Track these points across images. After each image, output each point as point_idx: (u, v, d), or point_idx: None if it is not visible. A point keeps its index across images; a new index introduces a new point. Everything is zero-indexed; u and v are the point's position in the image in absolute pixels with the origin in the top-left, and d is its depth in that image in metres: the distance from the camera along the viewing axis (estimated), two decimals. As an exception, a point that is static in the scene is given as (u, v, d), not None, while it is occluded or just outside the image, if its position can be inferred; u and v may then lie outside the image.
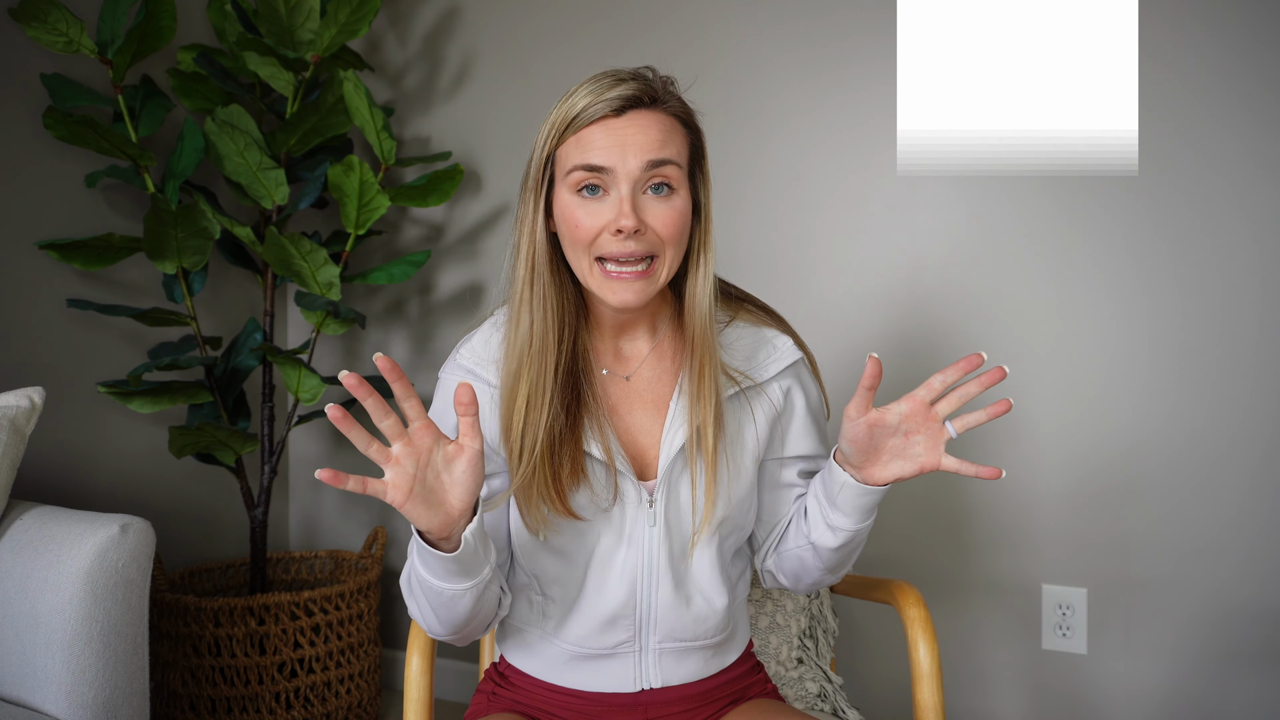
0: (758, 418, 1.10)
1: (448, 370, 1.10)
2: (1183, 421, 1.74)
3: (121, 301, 2.08)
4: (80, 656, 1.39)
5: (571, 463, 1.02)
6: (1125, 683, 1.79)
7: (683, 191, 1.01)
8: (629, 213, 0.96)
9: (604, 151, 0.97)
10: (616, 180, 0.97)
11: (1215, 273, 1.71)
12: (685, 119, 1.03)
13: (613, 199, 0.98)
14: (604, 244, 0.98)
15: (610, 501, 1.05)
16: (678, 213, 0.99)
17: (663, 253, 0.99)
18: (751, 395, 1.09)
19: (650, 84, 1.00)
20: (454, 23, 2.33)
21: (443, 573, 0.93)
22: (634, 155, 0.97)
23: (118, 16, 1.90)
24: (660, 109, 1.00)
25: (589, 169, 0.98)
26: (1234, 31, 1.68)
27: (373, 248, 2.43)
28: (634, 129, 0.98)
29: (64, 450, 2.00)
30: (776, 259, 2.00)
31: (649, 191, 0.99)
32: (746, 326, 1.12)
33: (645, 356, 1.10)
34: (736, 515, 1.10)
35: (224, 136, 1.97)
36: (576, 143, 0.99)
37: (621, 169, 0.97)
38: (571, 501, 1.03)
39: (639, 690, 1.10)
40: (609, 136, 0.98)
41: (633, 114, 0.99)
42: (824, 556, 1.08)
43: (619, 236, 0.97)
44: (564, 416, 1.02)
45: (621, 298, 0.99)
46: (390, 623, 2.41)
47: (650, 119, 0.99)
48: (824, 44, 1.96)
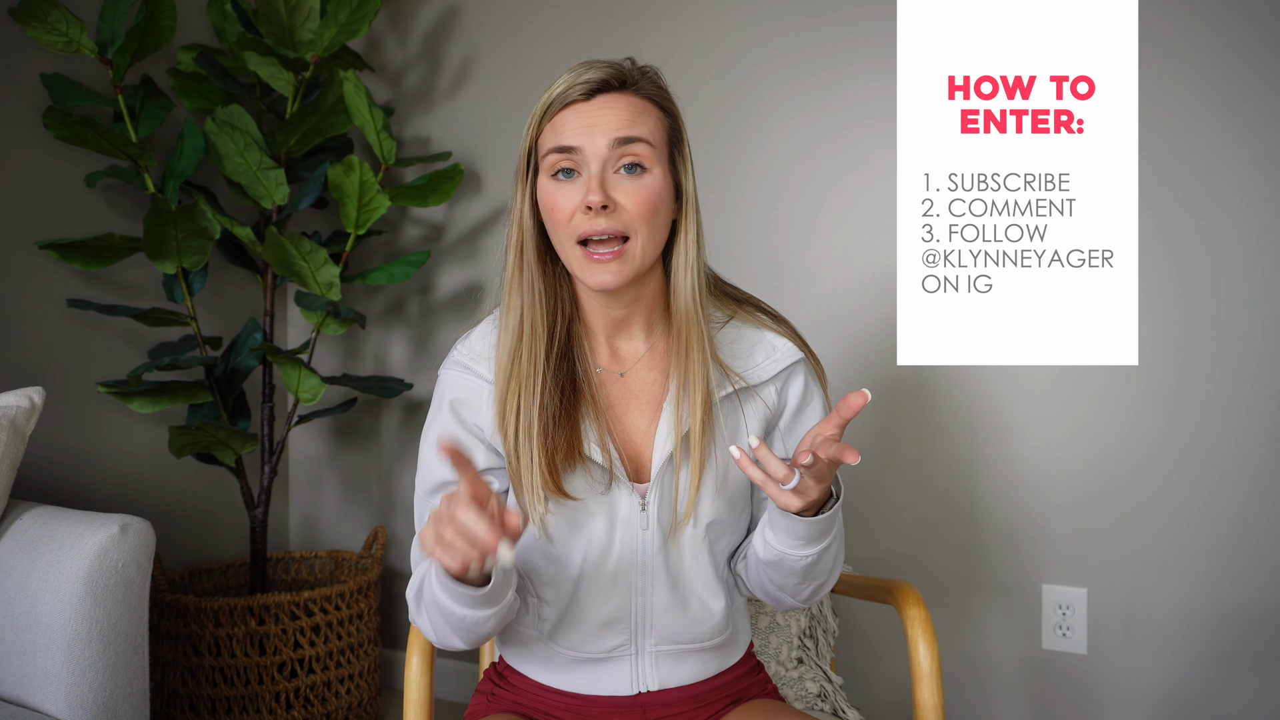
0: (751, 421, 1.08)
1: (445, 367, 1.11)
2: (1184, 422, 1.74)
3: (121, 301, 2.08)
4: (80, 656, 1.39)
5: (567, 446, 1.02)
6: (1125, 683, 1.79)
7: (656, 171, 1.01)
8: (596, 189, 0.98)
9: (574, 132, 1.00)
10: (587, 160, 1.00)
11: (1217, 274, 1.71)
12: (659, 101, 1.05)
13: (583, 179, 1.00)
14: (579, 224, 1.00)
15: (606, 485, 1.05)
16: (648, 190, 1.00)
17: (635, 232, 1.00)
18: (746, 397, 1.08)
19: (621, 69, 1.03)
20: (454, 23, 2.33)
21: (469, 603, 0.94)
22: (601, 134, 0.99)
23: (118, 16, 1.90)
24: (631, 92, 1.02)
25: (560, 150, 1.00)
26: (1236, 30, 1.68)
27: (373, 248, 2.43)
28: (603, 110, 1.00)
29: (64, 450, 2.00)
30: (775, 257, 2.00)
31: (621, 170, 1.00)
32: (745, 326, 1.11)
33: (641, 356, 1.10)
34: (726, 518, 1.09)
35: (224, 136, 1.97)
36: (551, 128, 1.02)
37: (590, 148, 0.99)
38: (567, 484, 1.03)
39: (637, 693, 1.10)
40: (579, 118, 1.00)
41: (602, 97, 1.01)
42: (762, 570, 1.07)
43: (589, 214, 0.99)
44: (559, 400, 1.02)
45: (599, 279, 1.00)
46: (390, 623, 2.41)
47: (619, 100, 1.01)
48: (823, 43, 1.96)
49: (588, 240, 1.00)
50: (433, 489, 1.08)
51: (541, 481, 1.01)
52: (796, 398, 1.11)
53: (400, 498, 2.43)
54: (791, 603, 1.12)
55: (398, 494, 2.43)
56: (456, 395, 1.08)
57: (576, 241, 1.00)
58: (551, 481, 1.01)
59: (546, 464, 1.01)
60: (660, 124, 1.04)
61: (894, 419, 1.92)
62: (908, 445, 1.92)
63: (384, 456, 2.45)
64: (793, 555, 1.02)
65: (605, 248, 0.99)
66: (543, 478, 1.01)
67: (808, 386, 1.12)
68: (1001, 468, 1.85)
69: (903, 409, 1.91)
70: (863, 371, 1.90)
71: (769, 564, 1.05)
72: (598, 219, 0.98)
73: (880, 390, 1.91)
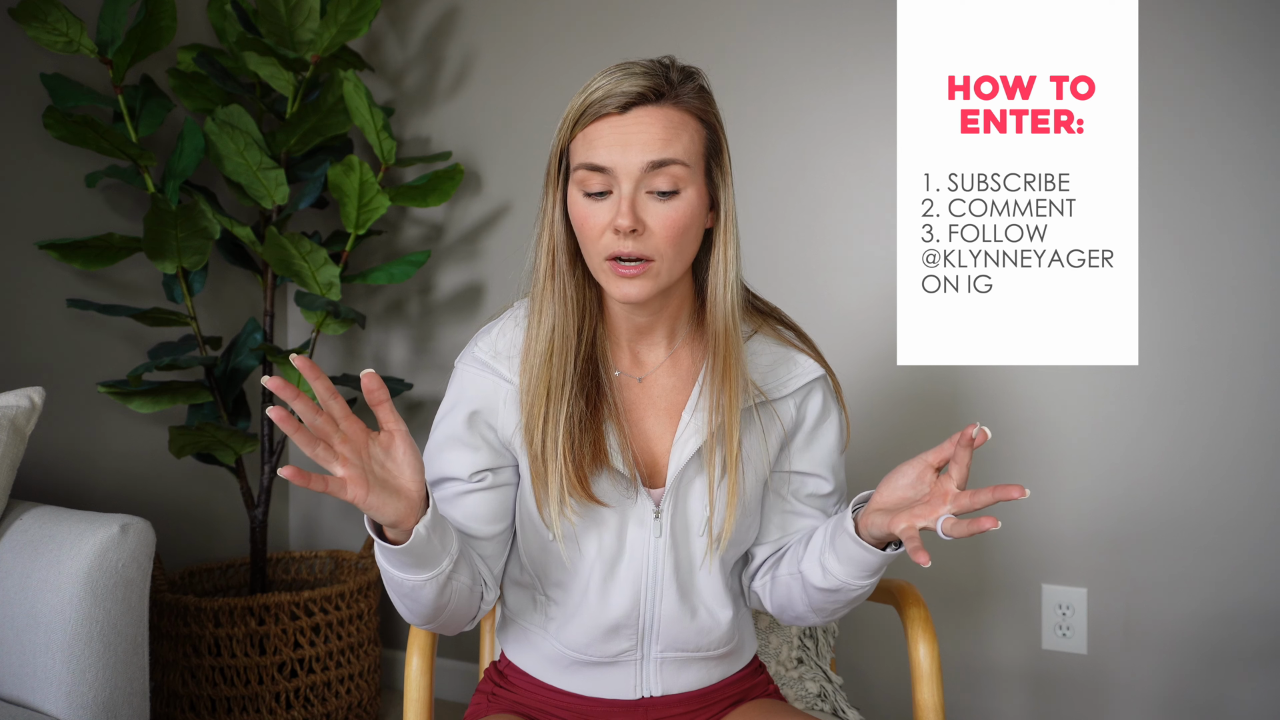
0: (770, 436, 1.07)
1: (463, 361, 1.08)
2: (1185, 421, 1.74)
3: (121, 301, 2.08)
4: (80, 656, 1.39)
5: (594, 451, 1.02)
6: (1125, 683, 1.79)
7: (689, 192, 0.99)
8: (626, 212, 0.96)
9: (607, 150, 0.97)
10: (618, 179, 0.97)
11: (1220, 272, 1.71)
12: (699, 114, 1.01)
13: (614, 199, 0.98)
14: (608, 243, 0.98)
15: (633, 491, 1.04)
16: (679, 215, 0.98)
17: (661, 255, 0.98)
18: (765, 412, 1.07)
19: (662, 78, 0.99)
20: (454, 23, 2.33)
21: (399, 564, 0.94)
22: (636, 155, 0.96)
23: (118, 16, 1.90)
24: (669, 104, 0.98)
25: (591, 168, 0.98)
26: (1236, 25, 1.68)
27: (373, 248, 2.43)
28: (638, 127, 0.97)
29: (64, 450, 2.00)
30: (775, 257, 2.00)
31: (653, 193, 0.98)
32: (769, 342, 1.10)
33: (662, 363, 1.09)
34: (739, 531, 1.08)
35: (224, 136, 1.97)
36: (584, 138, 0.99)
37: (623, 168, 0.97)
38: (595, 489, 1.02)
39: (639, 698, 1.10)
40: (613, 134, 0.97)
41: (638, 111, 0.97)
42: (809, 594, 1.07)
43: (618, 235, 0.97)
44: (584, 404, 1.02)
45: (624, 291, 0.98)
46: (390, 623, 2.41)
47: (656, 116, 0.98)
48: (823, 43, 1.96)
49: (612, 255, 0.98)
50: (434, 482, 1.08)
51: (570, 487, 1.00)
52: (814, 414, 1.10)
53: (400, 498, 2.43)
54: (814, 620, 1.12)
55: (398, 494, 2.43)
56: (473, 394, 1.06)
57: (604, 259, 0.99)
58: (581, 488, 1.01)
59: (575, 470, 1.00)
60: (697, 138, 1.00)
61: (894, 419, 1.92)
62: (908, 445, 1.92)
63: (384, 456, 2.45)
64: (853, 584, 1.03)
65: (631, 266, 0.98)
66: (570, 484, 1.00)
67: (825, 404, 1.11)
68: (1002, 468, 1.85)
69: (903, 409, 1.91)
70: (863, 371, 1.90)
71: (826, 591, 1.04)
72: (625, 241, 0.96)
73: (880, 390, 1.91)
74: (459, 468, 1.06)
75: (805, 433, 1.10)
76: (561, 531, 1.03)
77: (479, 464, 1.06)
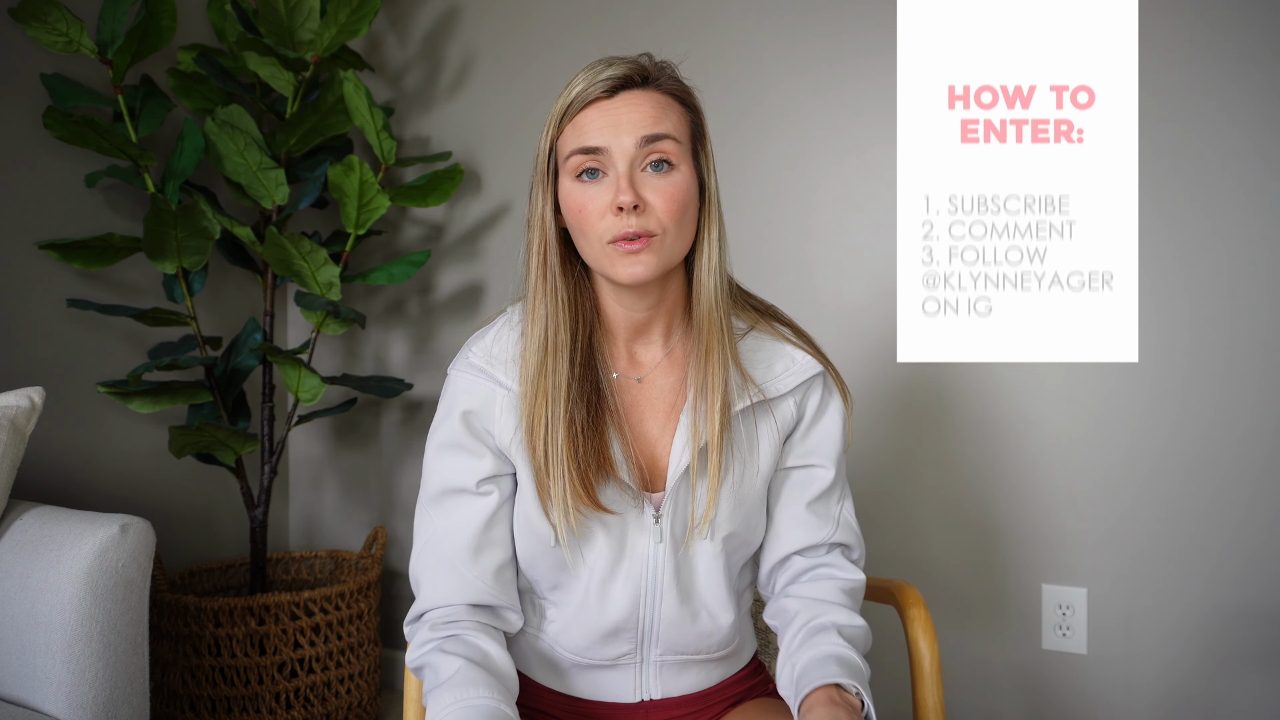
0: (770, 434, 1.07)
1: (457, 367, 1.07)
2: (1185, 421, 1.74)
3: (121, 301, 2.08)
4: (80, 656, 1.39)
5: (598, 458, 1.00)
6: (1125, 683, 1.79)
7: (683, 168, 0.99)
8: (627, 189, 0.95)
9: (598, 132, 0.97)
10: (613, 159, 0.97)
11: (1220, 275, 1.71)
12: (681, 97, 1.02)
13: (611, 179, 0.97)
14: (610, 225, 0.97)
15: (638, 498, 1.03)
16: (678, 189, 0.98)
17: (666, 230, 0.97)
18: (762, 410, 1.06)
19: (642, 65, 1.00)
20: (454, 23, 2.33)
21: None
22: (628, 132, 0.97)
23: (118, 16, 1.90)
24: (653, 88, 1.00)
25: (585, 151, 0.97)
26: (1237, 30, 1.68)
27: (373, 248, 2.43)
28: (627, 107, 0.98)
29: (64, 450, 2.00)
30: (773, 258, 2.00)
31: (648, 169, 0.98)
32: (765, 338, 1.09)
33: (659, 362, 1.08)
34: (743, 531, 1.07)
35: (224, 136, 1.97)
36: (573, 128, 0.99)
37: (617, 147, 0.97)
38: (601, 496, 1.01)
39: (639, 701, 1.10)
40: (602, 117, 0.97)
41: (625, 94, 0.98)
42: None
43: (620, 215, 0.96)
44: (584, 410, 1.00)
45: (631, 271, 0.97)
46: (390, 623, 2.41)
47: (643, 97, 0.99)
48: (823, 52, 1.96)
49: (614, 239, 0.97)
50: (438, 494, 1.06)
51: (575, 496, 0.99)
52: (813, 410, 1.09)
53: (401, 498, 2.43)
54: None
55: (398, 494, 2.43)
56: (468, 401, 1.04)
57: (607, 243, 0.98)
58: (587, 497, 1.00)
59: (580, 479, 0.99)
60: (684, 120, 1.01)
61: (893, 420, 1.92)
62: (907, 446, 1.92)
63: (384, 456, 2.45)
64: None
65: (635, 243, 0.97)
66: (576, 493, 0.99)
67: (824, 399, 1.10)
68: (1002, 468, 1.85)
69: (902, 410, 1.91)
70: (863, 372, 1.90)
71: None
72: (629, 219, 0.96)
73: (880, 391, 1.91)
74: (463, 476, 1.04)
75: (804, 428, 1.10)
76: (565, 538, 1.01)
77: (484, 471, 1.04)
